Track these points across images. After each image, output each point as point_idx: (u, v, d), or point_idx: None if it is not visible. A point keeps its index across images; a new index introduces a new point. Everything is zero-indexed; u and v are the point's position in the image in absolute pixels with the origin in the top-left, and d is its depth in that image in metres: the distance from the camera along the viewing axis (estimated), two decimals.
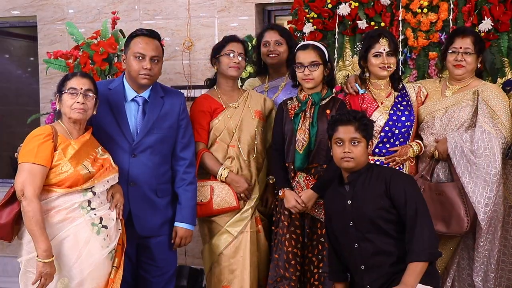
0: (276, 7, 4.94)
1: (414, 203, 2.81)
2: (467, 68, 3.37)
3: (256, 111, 3.55)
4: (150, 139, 3.13)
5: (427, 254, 2.75)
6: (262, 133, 3.56)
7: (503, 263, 3.31)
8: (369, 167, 2.99)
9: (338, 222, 3.00)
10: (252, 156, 3.48)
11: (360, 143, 2.93)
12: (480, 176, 3.15)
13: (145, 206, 3.15)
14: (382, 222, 2.85)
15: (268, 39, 3.82)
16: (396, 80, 3.52)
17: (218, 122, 3.47)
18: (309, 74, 3.34)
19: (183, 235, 3.24)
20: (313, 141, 3.33)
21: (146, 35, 3.12)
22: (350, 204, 2.93)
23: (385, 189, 2.86)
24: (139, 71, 3.08)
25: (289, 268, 3.34)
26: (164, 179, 3.22)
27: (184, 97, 3.35)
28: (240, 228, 3.42)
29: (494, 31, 3.79)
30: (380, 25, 4.01)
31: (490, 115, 3.27)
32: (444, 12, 3.91)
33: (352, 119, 2.95)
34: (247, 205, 3.46)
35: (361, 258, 2.90)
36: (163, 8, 5.06)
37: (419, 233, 2.75)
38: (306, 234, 3.38)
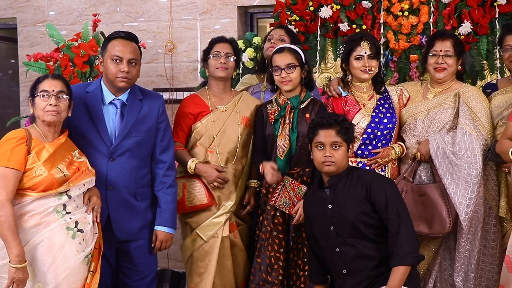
0: (259, 10, 4.95)
1: (396, 207, 2.81)
2: (448, 71, 3.40)
3: (244, 117, 3.49)
4: (128, 143, 3.09)
5: (412, 258, 2.76)
6: (246, 140, 3.49)
7: (483, 263, 3.33)
8: (349, 170, 2.99)
9: (318, 226, 2.99)
10: (231, 163, 3.42)
11: (341, 147, 2.92)
12: (462, 177, 3.18)
13: (124, 210, 3.12)
14: (363, 226, 2.85)
15: (273, 34, 3.82)
16: (379, 82, 3.53)
17: (201, 125, 3.43)
18: (286, 76, 3.33)
19: (163, 238, 3.21)
20: (294, 146, 3.33)
21: (123, 37, 3.08)
22: (331, 208, 2.92)
23: (366, 194, 2.86)
24: (116, 74, 3.04)
25: (271, 272, 3.32)
26: (143, 182, 3.19)
27: (163, 99, 3.31)
28: (212, 232, 3.37)
29: (474, 34, 3.84)
30: (362, 27, 4.03)
31: (471, 117, 3.30)
32: (425, 15, 3.94)
33: (333, 122, 2.93)
34: (221, 211, 3.40)
35: (343, 262, 2.90)
36: (145, 10, 5.05)
37: (402, 237, 2.76)
38: (292, 238, 3.36)
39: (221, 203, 3.41)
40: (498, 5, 3.77)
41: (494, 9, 3.80)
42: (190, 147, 3.46)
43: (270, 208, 3.36)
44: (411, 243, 2.77)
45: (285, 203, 3.32)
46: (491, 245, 3.32)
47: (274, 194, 3.34)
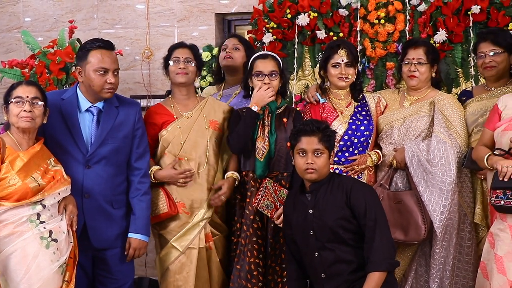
0: (236, 17, 4.96)
1: (374, 213, 2.84)
2: (421, 78, 3.43)
3: (212, 121, 3.47)
4: (104, 150, 3.07)
5: (387, 264, 2.79)
6: (216, 144, 3.46)
7: (458, 270, 3.36)
8: (330, 176, 3.01)
9: (298, 230, 3.00)
10: (202, 168, 3.39)
11: (323, 154, 2.94)
12: (436, 185, 3.21)
13: (101, 218, 3.09)
14: (342, 231, 2.87)
15: (227, 43, 3.84)
16: (357, 90, 3.56)
17: (167, 133, 3.39)
18: (269, 83, 3.35)
19: (137, 246, 3.17)
20: (272, 149, 3.34)
21: (104, 47, 3.05)
22: (311, 213, 2.94)
23: (346, 199, 2.88)
24: (103, 86, 3.02)
25: (251, 279, 3.30)
26: (119, 190, 3.16)
27: (139, 106, 3.29)
28: (187, 243, 3.33)
29: (449, 42, 3.89)
30: (339, 35, 4.06)
31: (446, 125, 3.33)
32: (401, 23, 3.98)
33: (316, 130, 2.95)
34: (195, 219, 3.35)
35: (321, 267, 2.91)
36: (122, 17, 5.03)
37: (378, 244, 2.79)
38: (269, 244, 3.36)
39: (194, 211, 3.37)
40: (472, 14, 3.82)
41: (468, 17, 3.85)
42: (159, 156, 3.42)
43: (249, 212, 3.35)
44: (387, 249, 2.81)
45: (268, 206, 3.31)
46: (466, 251, 3.35)
47: (256, 197, 3.33)
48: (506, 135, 2.94)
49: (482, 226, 3.35)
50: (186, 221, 3.35)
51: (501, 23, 3.78)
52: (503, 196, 2.81)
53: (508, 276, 2.83)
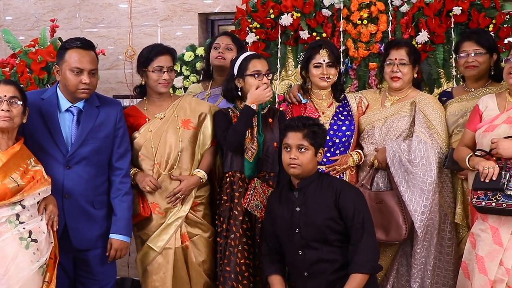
0: (219, 17, 4.95)
1: (361, 217, 2.86)
2: (404, 79, 3.44)
3: (184, 120, 3.38)
4: (85, 150, 3.04)
5: (370, 267, 2.81)
6: (190, 144, 3.38)
7: (439, 269, 3.38)
8: (319, 175, 3.01)
9: (283, 227, 3.00)
10: (174, 169, 3.33)
11: (308, 151, 2.93)
12: (417, 185, 3.22)
13: (82, 219, 3.07)
14: (329, 232, 2.88)
15: (219, 42, 3.80)
16: (338, 90, 3.56)
17: (139, 136, 3.33)
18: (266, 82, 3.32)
19: (118, 247, 3.15)
20: (261, 149, 3.33)
21: (81, 47, 3.01)
22: (298, 211, 2.94)
23: (335, 200, 2.89)
24: (77, 86, 2.99)
25: (242, 280, 3.27)
26: (101, 190, 3.15)
27: (121, 106, 3.26)
28: (163, 243, 3.30)
29: (431, 43, 3.93)
30: (322, 35, 4.08)
31: (427, 125, 3.35)
32: (383, 24, 4.00)
33: (301, 126, 2.95)
34: (169, 220, 3.32)
35: (305, 265, 2.92)
36: (105, 16, 5.00)
37: (363, 246, 2.82)
38: (257, 244, 3.34)
39: (168, 211, 3.33)
40: (454, 15, 3.86)
41: (449, 18, 3.89)
42: (134, 159, 3.37)
43: (239, 213, 3.32)
44: (372, 252, 2.84)
45: (258, 206, 3.30)
46: (446, 251, 3.37)
47: (246, 197, 3.31)
48: (487, 136, 2.96)
49: (463, 226, 3.37)
50: (161, 222, 3.32)
51: (482, 24, 3.82)
52: (484, 197, 2.83)
53: (489, 276, 2.86)
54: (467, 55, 3.38)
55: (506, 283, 2.85)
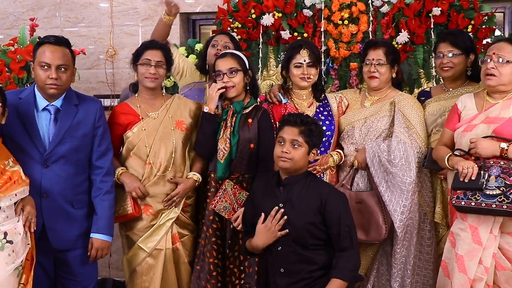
0: (201, 17, 4.94)
1: (348, 224, 2.86)
2: (381, 79, 3.45)
3: (178, 121, 3.40)
4: (62, 149, 3.02)
5: (351, 276, 2.82)
6: (183, 146, 3.39)
7: (419, 269, 3.39)
8: (307, 175, 2.99)
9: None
10: (168, 170, 3.33)
11: (301, 147, 2.90)
12: (396, 185, 3.24)
13: (60, 218, 3.04)
14: (308, 236, 2.86)
15: (218, 40, 3.78)
16: (319, 90, 3.57)
17: (132, 135, 3.34)
18: (228, 81, 3.31)
19: (99, 246, 3.12)
20: (234, 150, 3.31)
21: (52, 43, 3.00)
22: (281, 207, 2.91)
23: (320, 206, 2.86)
24: (45, 81, 2.97)
25: (210, 279, 3.29)
26: (80, 189, 3.12)
27: (100, 104, 3.24)
28: (154, 244, 3.30)
29: (411, 43, 3.95)
30: (303, 35, 4.08)
31: (406, 125, 3.36)
32: (364, 24, 4.02)
33: (299, 122, 2.92)
34: (160, 221, 3.32)
35: (282, 262, 2.90)
36: (85, 15, 4.97)
37: (349, 255, 2.82)
38: (228, 245, 3.35)
39: (160, 213, 3.33)
40: (433, 15, 3.89)
41: (429, 19, 3.92)
42: (124, 158, 3.37)
43: (209, 213, 3.34)
44: (354, 261, 2.85)
45: (226, 208, 3.30)
46: (426, 250, 3.39)
47: (214, 198, 3.31)
48: (466, 136, 2.98)
49: (442, 225, 3.39)
50: (153, 223, 3.32)
51: (461, 25, 3.85)
52: (463, 196, 2.85)
53: (469, 275, 2.88)
54: (442, 56, 3.40)
55: (485, 282, 2.88)
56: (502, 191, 2.76)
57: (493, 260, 2.87)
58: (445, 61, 3.39)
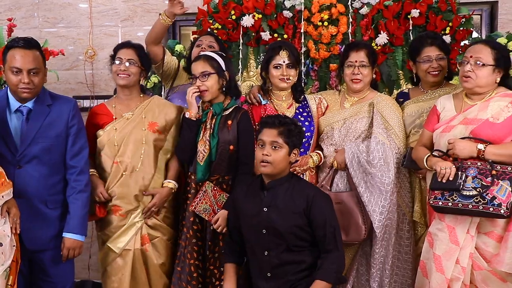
0: (181, 17, 4.90)
1: (333, 226, 2.87)
2: (364, 81, 3.47)
3: (151, 122, 3.37)
4: (35, 149, 3.01)
5: (335, 278, 2.84)
6: (154, 148, 3.37)
7: (398, 269, 3.41)
8: (291, 176, 2.99)
9: (249, 225, 2.97)
10: (135, 171, 3.32)
11: (281, 149, 2.91)
12: (375, 186, 3.25)
13: (35, 219, 3.03)
14: (294, 238, 2.88)
15: (203, 40, 3.78)
16: (298, 91, 3.57)
17: (103, 134, 3.34)
18: (201, 85, 3.30)
19: (71, 246, 3.10)
20: (214, 152, 3.30)
21: (21, 47, 2.97)
22: (266, 212, 2.92)
23: (305, 208, 2.87)
24: (17, 86, 2.97)
25: (191, 280, 3.29)
26: (55, 189, 3.11)
27: (74, 103, 3.21)
28: (123, 245, 3.30)
29: (390, 44, 3.97)
30: (283, 37, 4.09)
31: (385, 126, 3.38)
32: (344, 25, 4.03)
33: (277, 123, 2.93)
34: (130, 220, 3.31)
35: (269, 266, 2.91)
36: (64, 16, 4.93)
37: (335, 255, 2.85)
38: (208, 247, 3.34)
39: (129, 213, 3.32)
40: (412, 17, 3.91)
41: (408, 21, 3.94)
42: (97, 156, 3.38)
43: (189, 214, 3.33)
44: (339, 263, 2.87)
45: (206, 210, 3.30)
46: (404, 250, 3.41)
47: (194, 200, 3.31)
48: (445, 137, 3.01)
49: (421, 224, 3.41)
50: (122, 223, 3.31)
51: (439, 27, 3.88)
52: (441, 197, 2.88)
53: (446, 275, 2.91)
54: (431, 60, 3.42)
55: (462, 281, 2.91)
56: (479, 191, 2.79)
57: (470, 260, 2.90)
58: (435, 65, 3.42)
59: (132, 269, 3.31)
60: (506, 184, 2.78)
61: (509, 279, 2.88)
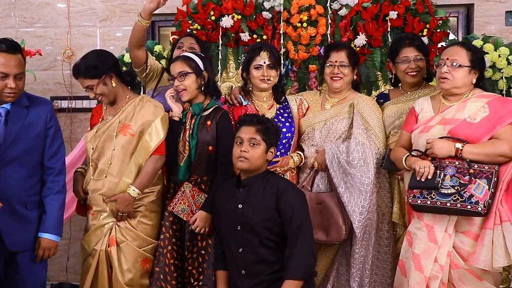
0: (160, 18, 4.91)
1: (299, 220, 2.86)
2: (345, 80, 3.49)
3: (125, 125, 3.29)
4: (15, 151, 2.99)
5: (302, 273, 2.82)
6: (123, 151, 3.28)
7: (377, 268, 3.43)
8: (266, 174, 3.02)
9: (226, 223, 2.99)
10: (104, 174, 3.27)
11: (259, 146, 2.94)
12: (355, 186, 3.27)
13: (14, 220, 3.00)
14: (267, 233, 2.89)
15: (183, 42, 3.75)
16: (279, 92, 3.59)
17: (86, 135, 3.38)
18: (179, 84, 3.31)
19: (46, 246, 3.09)
20: (193, 153, 3.30)
21: (6, 51, 2.92)
22: (240, 208, 2.94)
23: (276, 201, 2.90)
24: (3, 90, 2.93)
25: (171, 280, 3.27)
26: (34, 190, 3.10)
27: (51, 105, 3.22)
28: (92, 244, 3.27)
29: (368, 46, 4.01)
30: (262, 37, 4.11)
31: (365, 127, 3.40)
32: (323, 26, 4.07)
33: (256, 121, 2.97)
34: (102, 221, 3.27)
35: (243, 263, 2.92)
36: (42, 15, 4.89)
37: (298, 251, 2.82)
38: (186, 247, 3.33)
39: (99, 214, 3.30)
40: (390, 19, 3.96)
41: (386, 23, 3.99)
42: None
43: (168, 214, 3.33)
44: (306, 258, 2.84)
45: (184, 210, 3.29)
46: (384, 250, 3.43)
47: (173, 200, 3.30)
48: (423, 137, 3.05)
49: (400, 225, 3.44)
50: (93, 223, 3.31)
51: (417, 28, 3.94)
52: (420, 195, 2.91)
53: (425, 273, 2.94)
54: (409, 61, 3.46)
55: (440, 280, 2.94)
56: (457, 190, 2.83)
57: (448, 258, 2.93)
58: (413, 66, 3.45)
59: (96, 270, 3.25)
60: (483, 182, 2.83)
61: (485, 277, 2.92)
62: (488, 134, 2.94)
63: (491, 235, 2.83)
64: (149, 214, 3.35)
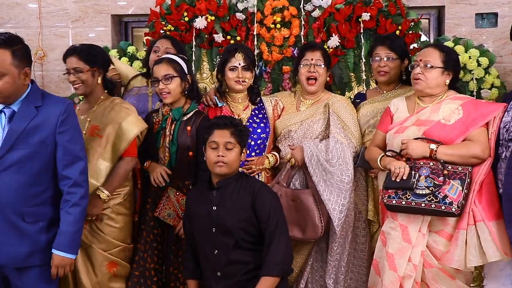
0: (133, 19, 4.87)
1: (276, 219, 2.89)
2: (319, 80, 3.51)
3: (93, 126, 3.22)
4: (14, 156, 2.71)
5: (279, 270, 2.84)
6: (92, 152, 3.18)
7: (353, 266, 3.46)
8: (239, 176, 3.03)
9: (200, 226, 2.98)
10: None
11: (234, 149, 2.94)
12: (335, 184, 3.28)
13: (7, 233, 2.73)
14: (243, 234, 2.90)
15: (159, 46, 3.71)
16: (254, 94, 3.59)
17: None
18: (164, 88, 3.29)
19: (59, 263, 2.78)
20: (173, 158, 3.30)
21: None
22: (215, 210, 2.94)
23: (251, 202, 2.91)
24: None
25: (151, 285, 3.27)
26: (35, 201, 2.77)
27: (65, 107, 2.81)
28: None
29: (342, 47, 4.04)
30: (236, 39, 4.11)
31: (341, 126, 3.42)
32: (296, 28, 4.09)
33: (229, 123, 2.97)
34: None
35: (219, 265, 2.92)
36: (12, 16, 4.81)
37: (275, 249, 2.84)
38: (171, 251, 3.33)
39: None
40: (363, 21, 3.99)
41: (359, 24, 4.03)
42: None
43: (150, 218, 3.32)
44: (283, 255, 2.86)
45: (170, 215, 3.31)
46: (360, 248, 3.47)
47: (158, 206, 3.31)
48: (398, 137, 3.08)
49: (374, 222, 3.48)
50: None
51: (389, 30, 3.98)
52: (395, 195, 2.94)
53: (399, 273, 2.97)
54: (380, 59, 3.50)
55: (413, 279, 2.97)
56: (431, 190, 2.87)
57: (422, 257, 2.97)
58: (382, 64, 3.49)
59: None
60: (457, 183, 2.87)
61: (457, 276, 2.97)
62: (461, 135, 2.99)
63: (465, 235, 2.88)
64: (115, 216, 3.26)
